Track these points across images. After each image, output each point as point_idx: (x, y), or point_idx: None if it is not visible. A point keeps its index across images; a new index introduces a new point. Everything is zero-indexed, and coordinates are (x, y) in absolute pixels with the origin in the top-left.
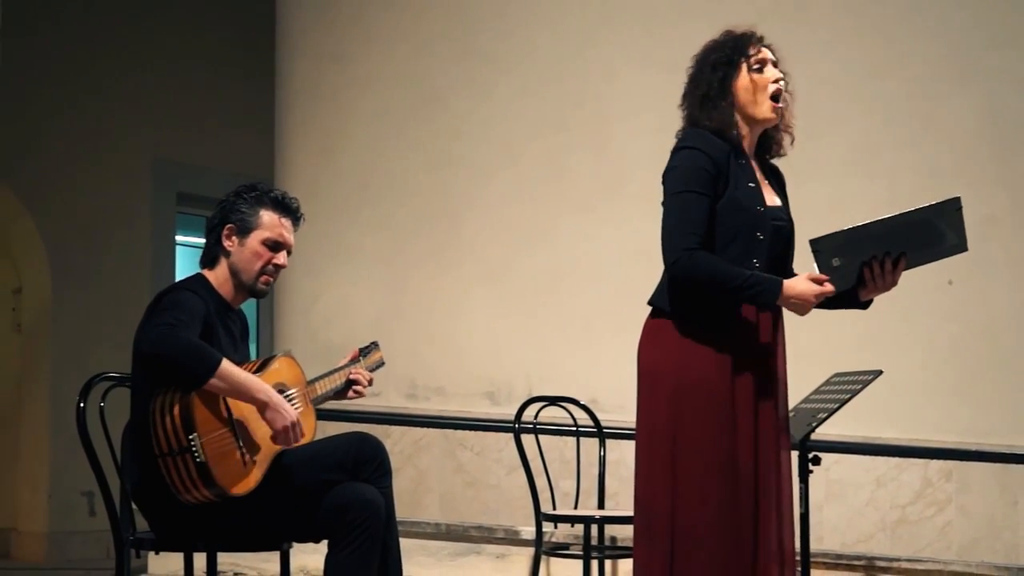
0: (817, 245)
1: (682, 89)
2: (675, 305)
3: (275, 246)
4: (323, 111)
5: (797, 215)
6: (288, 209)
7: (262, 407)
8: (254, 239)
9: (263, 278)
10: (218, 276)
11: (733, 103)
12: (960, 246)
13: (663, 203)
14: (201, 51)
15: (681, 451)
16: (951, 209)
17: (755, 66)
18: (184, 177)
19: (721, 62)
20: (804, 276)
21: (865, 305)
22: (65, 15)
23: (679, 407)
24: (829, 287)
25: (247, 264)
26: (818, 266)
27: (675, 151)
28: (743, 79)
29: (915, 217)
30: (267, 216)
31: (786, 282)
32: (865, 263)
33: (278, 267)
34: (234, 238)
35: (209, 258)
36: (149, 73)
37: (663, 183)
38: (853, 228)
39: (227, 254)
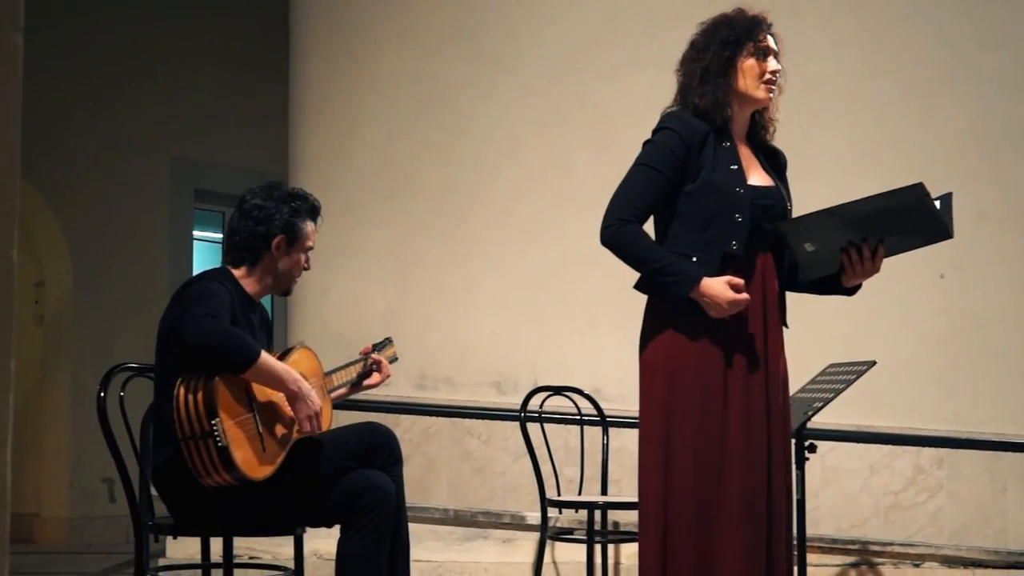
0: (782, 228)
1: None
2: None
3: (309, 251)
4: (335, 110)
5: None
6: (318, 216)
7: (292, 396)
8: (298, 249)
9: (296, 282)
10: (252, 276)
11: (731, 82)
12: (942, 233)
13: None
14: (217, 52)
15: (672, 439)
16: (916, 196)
17: (759, 52)
18: (201, 174)
19: (730, 40)
20: (724, 279)
21: (851, 291)
22: (85, 18)
23: (671, 396)
24: (744, 296)
25: (290, 271)
26: (792, 251)
27: (653, 131)
28: (747, 62)
29: (879, 203)
30: (309, 227)
31: (705, 279)
32: (843, 249)
33: (305, 269)
34: (283, 247)
35: (248, 260)
36: (167, 74)
37: None
38: (816, 213)
39: (273, 260)
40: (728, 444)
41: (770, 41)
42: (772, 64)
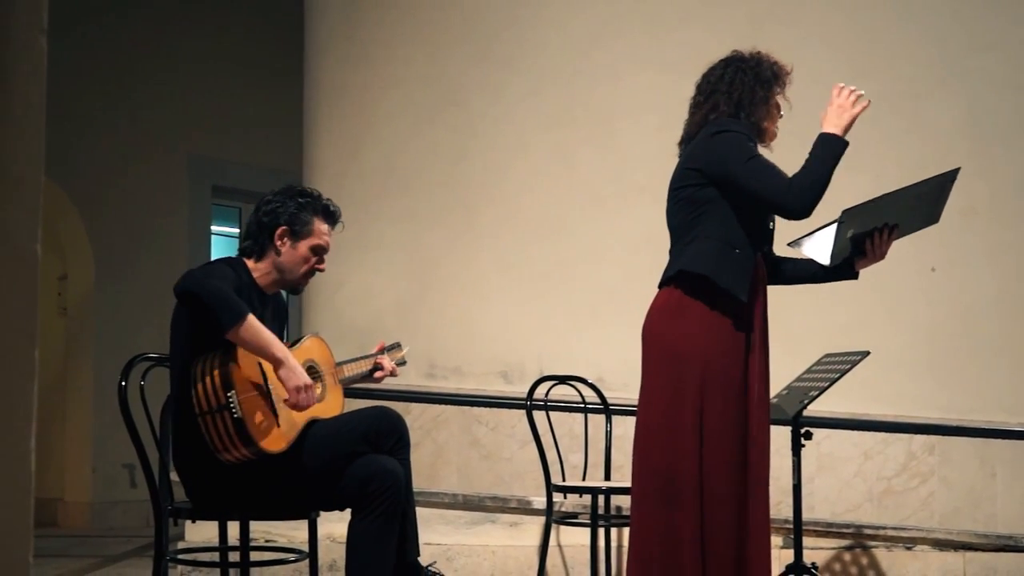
0: (846, 216)
1: (729, 72)
2: (708, 270)
3: (319, 251)
4: (349, 110)
5: None
6: (333, 218)
7: (277, 364)
8: (304, 244)
9: (306, 280)
10: (260, 267)
11: (764, 114)
12: (935, 218)
13: (738, 176)
14: (234, 54)
15: (707, 421)
16: (950, 180)
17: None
18: (218, 171)
19: (783, 87)
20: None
21: (856, 275)
22: (107, 22)
23: (706, 381)
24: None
25: (295, 266)
26: (836, 236)
27: (722, 131)
28: (778, 100)
29: (927, 186)
30: (318, 224)
31: (825, 125)
32: (867, 235)
33: (319, 271)
34: (286, 240)
35: (255, 251)
36: (185, 75)
37: (723, 160)
38: (880, 198)
39: (277, 252)
40: (751, 422)
41: None
42: (786, 107)
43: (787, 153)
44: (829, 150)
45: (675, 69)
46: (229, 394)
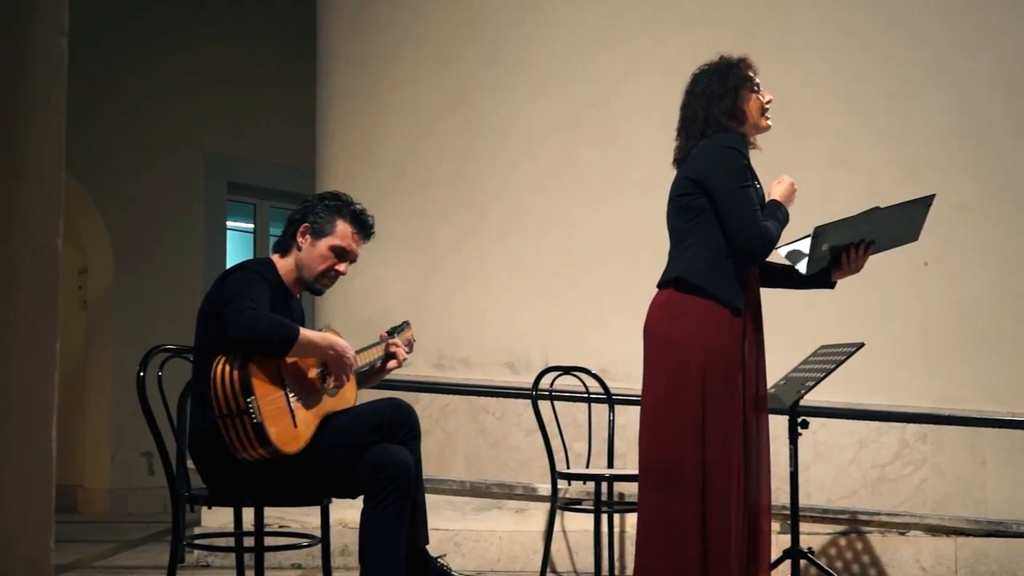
0: (820, 231)
1: (696, 97)
2: (704, 282)
3: (341, 253)
4: (360, 109)
5: None
6: (363, 225)
7: (331, 361)
8: (324, 243)
9: (323, 280)
10: (285, 265)
11: (745, 117)
12: (913, 236)
13: (721, 194)
14: (249, 55)
15: (709, 414)
16: (925, 204)
17: (757, 87)
18: (234, 169)
19: (742, 83)
20: (773, 184)
21: (833, 285)
22: (126, 25)
23: (707, 375)
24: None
25: (312, 263)
26: (810, 249)
27: (722, 147)
28: (754, 99)
29: (902, 209)
30: (342, 226)
31: (774, 195)
32: (843, 249)
33: (339, 273)
34: (308, 237)
35: (282, 247)
36: (202, 76)
37: (713, 173)
38: (853, 218)
39: (299, 249)
40: (747, 415)
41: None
42: (765, 94)
43: (782, 148)
44: (782, 215)
45: (676, 71)
46: (249, 400)
